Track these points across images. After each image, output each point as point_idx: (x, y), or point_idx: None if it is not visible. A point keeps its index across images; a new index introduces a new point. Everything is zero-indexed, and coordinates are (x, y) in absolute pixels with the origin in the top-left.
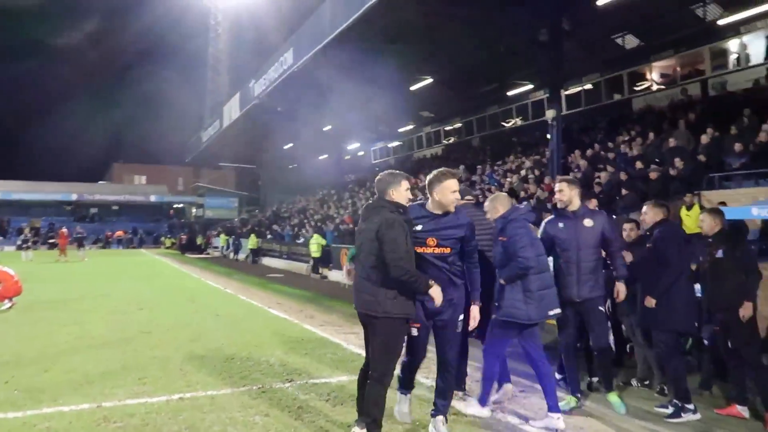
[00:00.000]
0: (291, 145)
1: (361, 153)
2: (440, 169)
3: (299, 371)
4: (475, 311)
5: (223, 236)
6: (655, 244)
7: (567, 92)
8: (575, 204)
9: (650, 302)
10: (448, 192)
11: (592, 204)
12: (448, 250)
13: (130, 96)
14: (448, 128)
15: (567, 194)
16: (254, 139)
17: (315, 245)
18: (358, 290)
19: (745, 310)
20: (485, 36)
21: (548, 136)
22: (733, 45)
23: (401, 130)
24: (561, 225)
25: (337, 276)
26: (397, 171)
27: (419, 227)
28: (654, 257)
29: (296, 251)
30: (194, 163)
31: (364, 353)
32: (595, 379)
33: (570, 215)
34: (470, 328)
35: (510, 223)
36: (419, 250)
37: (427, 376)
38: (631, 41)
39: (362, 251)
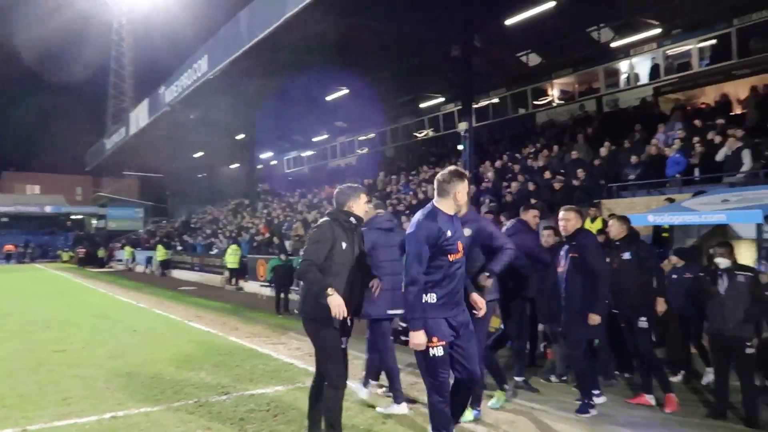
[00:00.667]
0: (201, 153)
1: (273, 162)
2: (452, 168)
3: (234, 384)
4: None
5: (128, 248)
6: (582, 253)
7: (476, 105)
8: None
9: (594, 320)
10: (464, 193)
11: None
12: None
13: (23, 102)
14: (362, 138)
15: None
16: (163, 147)
17: (232, 256)
18: None
19: (660, 306)
20: (400, 50)
21: (460, 147)
22: (623, 66)
23: (315, 139)
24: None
25: (254, 287)
26: (356, 185)
27: (450, 233)
28: (582, 265)
29: (209, 263)
30: (96, 172)
31: (295, 362)
32: (520, 379)
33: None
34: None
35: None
36: (452, 257)
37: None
38: (534, 59)
39: None
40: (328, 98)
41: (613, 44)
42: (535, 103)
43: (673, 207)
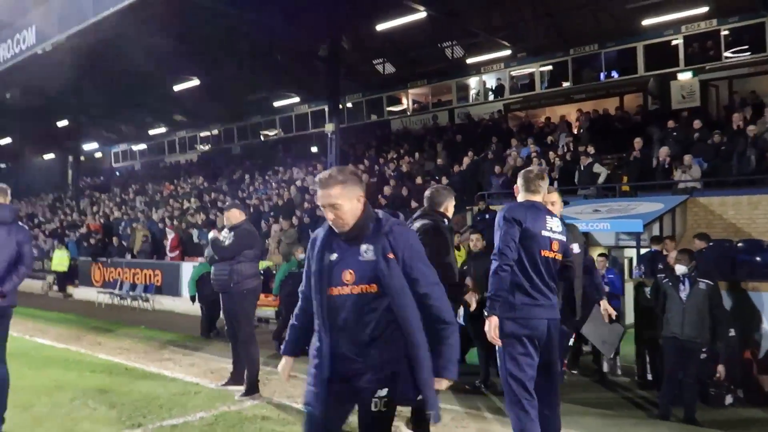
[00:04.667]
0: (9, 140)
1: (98, 155)
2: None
3: (140, 414)
4: None
5: None
6: None
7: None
8: None
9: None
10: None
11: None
12: None
13: None
14: (204, 134)
15: None
16: None
17: (59, 259)
18: None
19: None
20: (262, 44)
21: (313, 149)
22: (474, 81)
23: (152, 132)
24: None
25: (87, 294)
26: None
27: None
28: None
29: None
30: None
31: (200, 381)
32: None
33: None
34: None
35: None
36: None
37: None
38: (390, 68)
39: None
40: (176, 88)
41: (469, 60)
42: (390, 109)
43: None
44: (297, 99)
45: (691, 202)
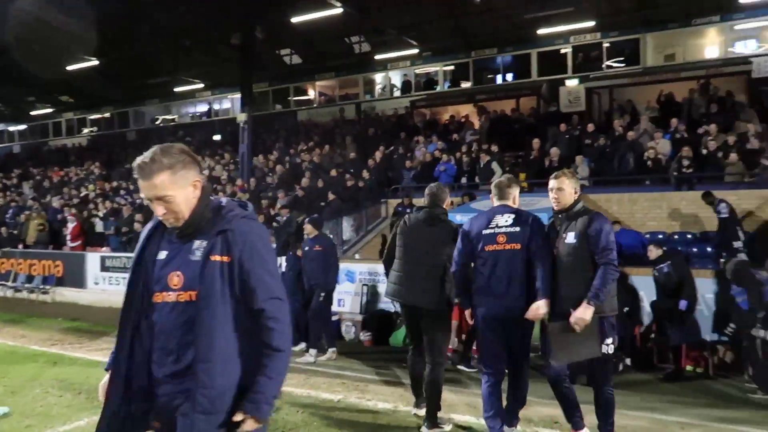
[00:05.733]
0: None
1: None
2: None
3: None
4: None
5: None
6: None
7: (233, 96)
8: None
9: None
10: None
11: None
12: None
13: None
14: (94, 117)
15: None
16: None
17: None
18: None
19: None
20: (169, 27)
21: (216, 137)
22: (380, 77)
23: (34, 113)
24: None
25: None
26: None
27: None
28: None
29: None
30: None
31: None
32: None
33: None
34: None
35: None
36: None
37: None
38: (297, 59)
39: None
40: (72, 67)
41: (377, 56)
42: (296, 99)
43: (466, 208)
44: (201, 85)
45: (582, 197)
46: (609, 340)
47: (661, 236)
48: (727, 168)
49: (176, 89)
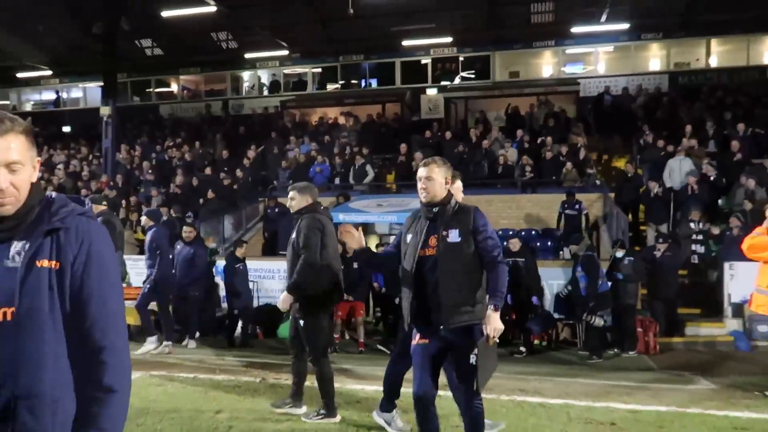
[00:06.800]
0: None
1: None
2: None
3: None
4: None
5: None
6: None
7: (86, 85)
8: None
9: None
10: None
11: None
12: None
13: None
14: None
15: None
16: None
17: None
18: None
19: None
20: (20, 10)
21: (65, 128)
22: (248, 75)
23: None
24: None
25: None
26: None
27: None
28: None
29: None
30: None
31: None
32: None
33: None
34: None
35: None
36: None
37: None
38: (159, 51)
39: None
40: None
41: (246, 55)
42: (157, 91)
43: (345, 208)
44: (48, 72)
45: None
46: (477, 349)
47: (511, 232)
48: (563, 174)
49: (19, 75)
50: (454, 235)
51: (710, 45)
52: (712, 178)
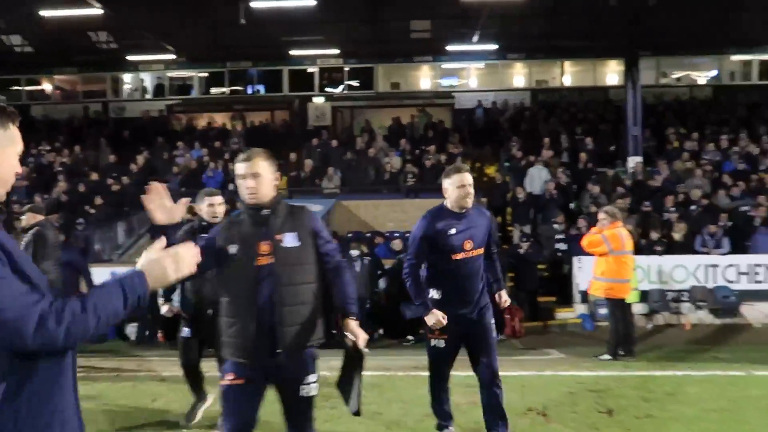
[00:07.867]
0: None
1: None
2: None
3: None
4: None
5: None
6: None
7: None
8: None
9: None
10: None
11: None
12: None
13: None
14: None
15: None
16: None
17: None
18: None
19: None
20: None
21: None
22: (130, 77)
23: None
24: None
25: None
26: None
27: (452, 231)
28: None
29: None
30: None
31: None
32: None
33: None
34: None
35: None
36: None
37: None
38: (29, 49)
39: None
40: None
41: (128, 57)
42: (27, 90)
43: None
44: None
45: (338, 204)
46: (313, 377)
47: (397, 234)
48: None
49: None
50: (291, 240)
51: (564, 66)
52: (564, 185)
